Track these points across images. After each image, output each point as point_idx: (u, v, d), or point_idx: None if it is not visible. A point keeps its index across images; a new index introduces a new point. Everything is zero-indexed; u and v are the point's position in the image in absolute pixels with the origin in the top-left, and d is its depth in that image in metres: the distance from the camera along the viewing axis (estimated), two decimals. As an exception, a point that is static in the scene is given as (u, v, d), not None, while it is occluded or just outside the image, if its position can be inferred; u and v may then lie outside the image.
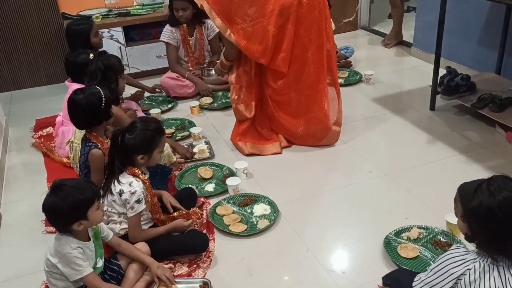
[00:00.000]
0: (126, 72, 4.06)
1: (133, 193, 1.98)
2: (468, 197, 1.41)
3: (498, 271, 1.39)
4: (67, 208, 1.67)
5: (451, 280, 1.44)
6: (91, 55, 2.81)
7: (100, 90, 2.27)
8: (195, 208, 2.29)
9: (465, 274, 1.41)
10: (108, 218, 2.06)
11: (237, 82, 2.92)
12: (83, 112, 2.23)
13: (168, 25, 3.67)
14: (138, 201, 1.99)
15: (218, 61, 3.19)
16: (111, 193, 2.02)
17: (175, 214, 2.23)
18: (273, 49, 2.70)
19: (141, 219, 2.09)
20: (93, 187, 1.77)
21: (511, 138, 2.88)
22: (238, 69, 2.91)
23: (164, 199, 2.28)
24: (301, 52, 2.73)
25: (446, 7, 3.02)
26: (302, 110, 2.88)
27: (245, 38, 2.69)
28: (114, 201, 2.02)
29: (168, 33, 3.66)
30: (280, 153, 2.94)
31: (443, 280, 1.46)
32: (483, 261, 1.40)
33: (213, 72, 3.52)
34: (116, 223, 2.07)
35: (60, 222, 1.73)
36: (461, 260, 1.43)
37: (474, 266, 1.40)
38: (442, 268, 1.46)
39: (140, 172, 2.05)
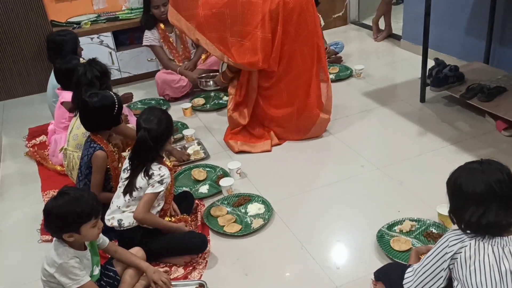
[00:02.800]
0: (118, 76, 4.12)
1: (162, 176, 2.06)
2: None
3: (493, 250, 1.43)
4: (61, 216, 1.68)
5: (446, 260, 1.47)
6: (82, 61, 2.81)
7: (114, 94, 2.31)
8: (184, 215, 2.31)
9: (461, 252, 1.45)
10: (126, 210, 2.10)
11: (236, 93, 2.99)
12: (96, 115, 2.26)
13: (146, 30, 3.69)
14: (161, 182, 2.06)
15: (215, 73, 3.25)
16: (136, 188, 2.07)
17: (173, 219, 2.24)
18: None
19: (159, 204, 2.14)
20: (94, 203, 1.75)
21: (501, 127, 2.90)
22: (238, 81, 2.97)
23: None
24: (289, 47, 2.79)
25: (431, 0, 3.04)
26: (293, 100, 2.94)
27: (246, 54, 2.76)
28: (139, 187, 2.06)
29: (149, 35, 3.70)
30: (269, 151, 2.96)
31: (436, 262, 1.50)
32: (478, 240, 1.45)
33: (211, 83, 3.53)
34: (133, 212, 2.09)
35: (52, 228, 1.74)
36: (458, 238, 1.47)
37: (470, 243, 1.45)
38: (437, 251, 1.50)
39: (167, 161, 2.18)
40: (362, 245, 2.16)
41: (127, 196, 2.09)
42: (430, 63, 3.31)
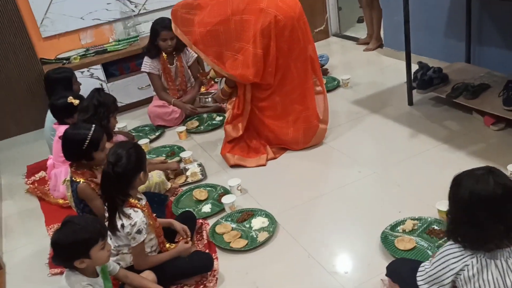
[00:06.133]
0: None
1: (133, 225, 2.00)
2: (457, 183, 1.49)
3: (496, 264, 1.41)
4: (69, 244, 1.71)
5: (451, 275, 1.46)
6: (69, 98, 2.88)
7: (90, 132, 2.33)
8: (180, 239, 2.31)
9: (464, 270, 1.43)
10: (117, 251, 2.10)
11: (234, 106, 3.08)
12: (67, 145, 2.36)
13: (146, 56, 3.75)
14: (139, 232, 2.01)
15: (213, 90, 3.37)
16: (117, 228, 2.04)
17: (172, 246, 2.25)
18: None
19: (151, 245, 2.13)
20: (99, 226, 1.79)
21: (488, 122, 2.98)
22: (237, 95, 3.06)
23: (178, 227, 2.31)
24: (284, 62, 2.90)
25: (409, 7, 3.15)
26: (289, 113, 3.02)
27: (238, 67, 2.86)
28: (118, 235, 2.05)
29: (148, 63, 3.74)
30: (264, 165, 3.02)
31: (443, 274, 1.48)
32: (479, 257, 1.42)
33: (209, 99, 3.58)
34: (126, 254, 2.10)
35: (63, 258, 1.77)
36: (459, 255, 1.45)
37: (472, 261, 1.43)
38: (442, 263, 1.49)
39: (136, 201, 2.07)
40: (368, 248, 2.20)
41: (113, 241, 2.06)
42: (414, 67, 3.41)
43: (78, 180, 2.33)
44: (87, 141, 2.31)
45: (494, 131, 2.94)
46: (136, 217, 2.01)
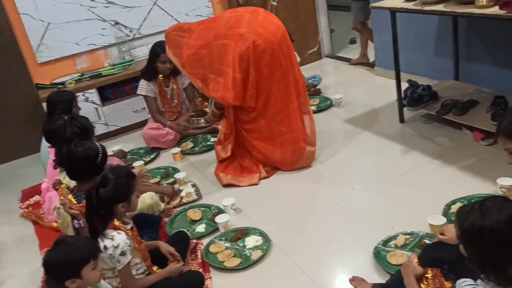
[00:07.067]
0: (105, 130, 4.21)
1: (116, 247, 1.95)
2: (463, 219, 1.39)
3: None
4: (60, 264, 1.71)
5: None
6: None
7: (99, 145, 2.36)
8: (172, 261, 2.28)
9: None
10: (103, 275, 2.09)
11: (224, 127, 3.13)
12: (79, 164, 2.31)
13: (142, 79, 3.81)
14: (123, 254, 1.98)
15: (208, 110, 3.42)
16: (99, 249, 2.01)
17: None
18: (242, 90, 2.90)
19: (136, 269, 2.12)
20: (91, 245, 1.79)
21: (478, 137, 3.02)
22: (226, 116, 3.11)
23: (163, 250, 2.28)
24: (265, 85, 2.93)
25: (397, 27, 3.23)
26: (275, 135, 3.05)
27: (219, 90, 2.92)
28: (102, 258, 2.00)
29: (145, 86, 3.79)
30: (257, 184, 3.05)
31: None
32: None
33: (202, 121, 3.60)
34: (111, 278, 2.08)
35: (54, 279, 1.77)
36: None
37: None
38: None
39: (120, 223, 2.05)
40: (361, 264, 2.21)
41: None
42: (404, 86, 3.47)
43: (82, 193, 2.28)
44: (100, 154, 2.32)
45: (484, 146, 2.97)
46: (119, 239, 1.98)
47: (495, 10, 2.47)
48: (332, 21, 5.52)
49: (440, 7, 2.79)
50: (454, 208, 2.36)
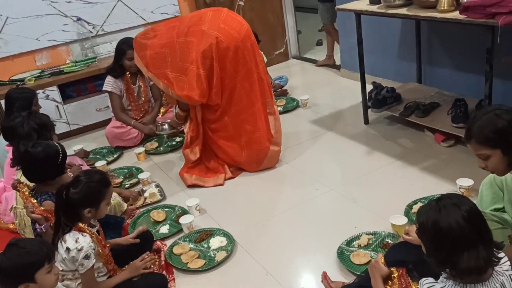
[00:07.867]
0: (67, 129, 4.09)
1: (79, 250, 1.91)
2: (420, 214, 1.44)
3: None
4: (12, 268, 1.64)
5: None
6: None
7: (58, 145, 2.28)
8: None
9: None
10: (62, 276, 2.02)
11: (189, 129, 3.09)
12: (39, 165, 2.22)
13: (109, 76, 3.72)
14: (87, 257, 1.93)
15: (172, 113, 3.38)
16: (59, 251, 1.96)
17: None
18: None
19: (99, 272, 2.06)
20: (45, 248, 1.72)
21: (439, 139, 3.10)
22: (191, 119, 3.07)
23: (124, 242, 2.26)
24: (230, 82, 2.92)
25: (361, 30, 3.27)
26: (240, 134, 3.03)
27: (184, 88, 2.87)
28: (64, 259, 1.96)
29: (111, 82, 3.70)
30: (222, 184, 3.03)
31: None
32: (451, 286, 1.37)
33: (166, 126, 3.54)
34: (71, 280, 2.03)
35: (6, 283, 1.69)
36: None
37: None
38: None
39: (86, 226, 1.99)
40: (324, 263, 2.22)
41: (57, 265, 1.92)
42: (369, 87, 3.52)
43: (44, 194, 2.21)
44: (61, 153, 2.24)
45: (445, 147, 3.05)
46: (83, 241, 1.93)
47: (456, 14, 2.54)
48: (299, 22, 5.56)
49: (403, 11, 2.85)
50: (415, 208, 2.41)
